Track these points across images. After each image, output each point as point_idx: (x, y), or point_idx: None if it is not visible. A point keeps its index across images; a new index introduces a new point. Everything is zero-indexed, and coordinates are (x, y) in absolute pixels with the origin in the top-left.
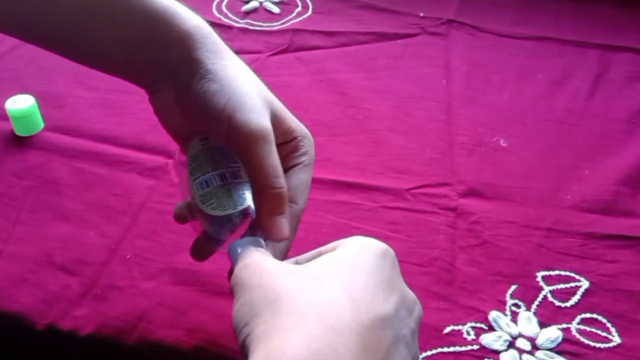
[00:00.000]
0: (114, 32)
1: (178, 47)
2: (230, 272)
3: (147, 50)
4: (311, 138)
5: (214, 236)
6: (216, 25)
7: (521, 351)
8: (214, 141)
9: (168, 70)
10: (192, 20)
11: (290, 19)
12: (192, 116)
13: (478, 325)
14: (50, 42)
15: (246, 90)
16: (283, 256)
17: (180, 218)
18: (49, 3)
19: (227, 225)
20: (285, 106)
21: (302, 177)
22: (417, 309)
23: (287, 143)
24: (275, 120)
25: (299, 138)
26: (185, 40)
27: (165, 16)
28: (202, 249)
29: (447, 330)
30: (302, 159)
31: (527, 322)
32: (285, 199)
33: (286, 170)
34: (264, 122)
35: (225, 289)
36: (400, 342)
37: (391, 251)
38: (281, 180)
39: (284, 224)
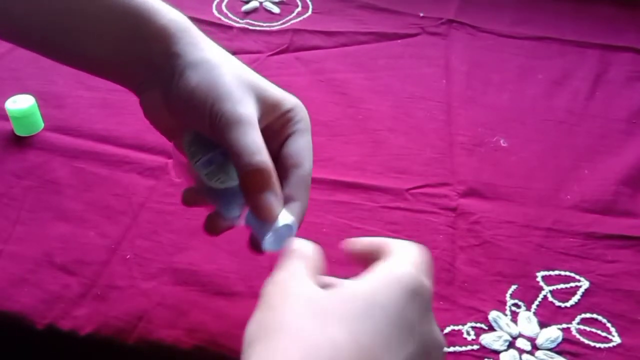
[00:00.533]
0: (99, 31)
1: (157, 43)
2: (251, 238)
3: (131, 49)
4: (303, 106)
5: (228, 215)
6: (216, 25)
7: (521, 351)
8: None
9: (152, 67)
10: (169, 14)
11: (290, 19)
12: (177, 112)
13: (478, 325)
14: (38, 44)
15: (224, 80)
16: (299, 219)
17: (188, 202)
18: (34, 3)
19: (239, 195)
20: (272, 82)
21: (301, 141)
22: (439, 356)
23: (280, 117)
24: (262, 98)
25: (289, 108)
26: (163, 35)
27: (143, 12)
28: (215, 224)
29: (447, 330)
30: (297, 126)
31: (527, 322)
32: (266, 173)
33: (284, 140)
34: (238, 108)
35: (225, 289)
36: None
37: (426, 289)
38: (258, 157)
39: (270, 201)
